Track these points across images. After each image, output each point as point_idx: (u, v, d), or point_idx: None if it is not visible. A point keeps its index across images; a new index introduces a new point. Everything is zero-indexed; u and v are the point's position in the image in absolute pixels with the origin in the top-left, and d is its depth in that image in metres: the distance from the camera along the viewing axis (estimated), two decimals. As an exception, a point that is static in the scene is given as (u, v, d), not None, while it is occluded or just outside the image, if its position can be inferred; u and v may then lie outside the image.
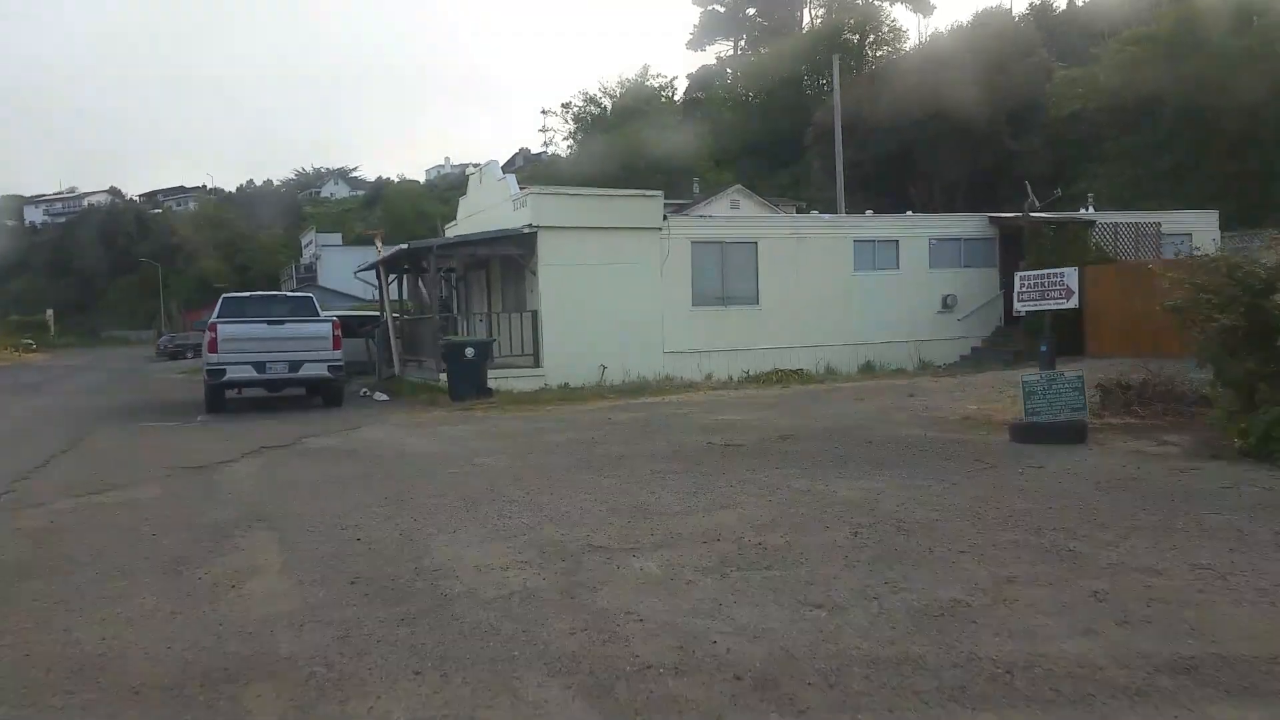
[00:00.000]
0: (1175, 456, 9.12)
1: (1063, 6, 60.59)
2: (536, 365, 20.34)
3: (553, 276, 20.20)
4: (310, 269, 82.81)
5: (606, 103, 60.26)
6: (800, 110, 59.91)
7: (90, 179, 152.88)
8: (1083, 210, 26.03)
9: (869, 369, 21.64)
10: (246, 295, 19.41)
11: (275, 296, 19.45)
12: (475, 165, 24.15)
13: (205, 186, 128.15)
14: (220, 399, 17.21)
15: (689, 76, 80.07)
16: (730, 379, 20.62)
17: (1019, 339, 21.89)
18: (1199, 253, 12.68)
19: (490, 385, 18.37)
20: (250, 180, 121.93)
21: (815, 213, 24.88)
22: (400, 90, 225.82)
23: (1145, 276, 14.17)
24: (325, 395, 18.02)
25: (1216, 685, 3.90)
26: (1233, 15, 35.81)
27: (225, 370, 16.55)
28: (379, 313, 27.06)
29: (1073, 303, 12.68)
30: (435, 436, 13.03)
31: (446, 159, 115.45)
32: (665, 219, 20.99)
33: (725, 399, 16.80)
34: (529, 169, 73.91)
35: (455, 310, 25.28)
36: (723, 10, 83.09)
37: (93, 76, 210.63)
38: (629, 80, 62.80)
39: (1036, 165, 42.46)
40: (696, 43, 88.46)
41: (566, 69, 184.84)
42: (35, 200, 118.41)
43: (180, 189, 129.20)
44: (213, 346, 16.64)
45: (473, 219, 23.58)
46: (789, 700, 3.87)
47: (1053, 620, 4.68)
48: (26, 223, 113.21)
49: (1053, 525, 6.53)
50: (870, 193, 40.95)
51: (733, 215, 28.02)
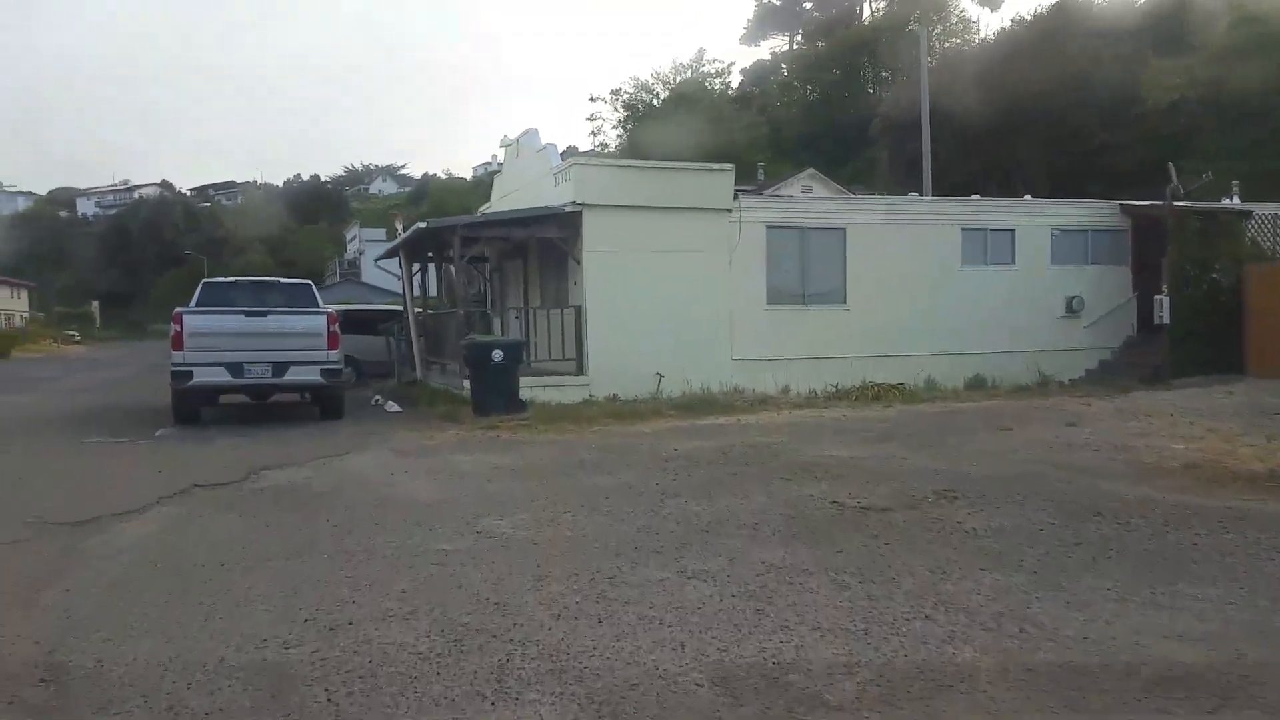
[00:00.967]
0: None
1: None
2: (579, 372, 16.63)
3: (600, 265, 16.49)
4: (354, 264, 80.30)
5: (660, 89, 56.38)
6: (860, 104, 55.94)
7: (143, 173, 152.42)
8: (1226, 200, 21.75)
9: (979, 384, 17.61)
10: (232, 281, 15.86)
11: (267, 283, 15.94)
12: (507, 136, 20.49)
13: (255, 182, 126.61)
14: (189, 408, 13.69)
15: (742, 72, 76.00)
16: (814, 394, 16.73)
17: (1159, 351, 17.74)
18: None
19: (523, 396, 14.68)
20: (298, 175, 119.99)
21: (914, 194, 20.94)
22: (449, 87, 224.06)
23: None
24: (323, 405, 14.44)
25: None
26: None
27: (192, 372, 13.02)
28: (403, 308, 23.54)
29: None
30: (439, 473, 9.32)
31: (494, 156, 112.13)
32: (736, 199, 17.18)
33: (818, 422, 12.94)
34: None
35: (488, 305, 21.64)
36: (779, 3, 79.14)
37: (147, 72, 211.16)
38: (683, 65, 58.83)
39: (1126, 160, 38.06)
40: (750, 37, 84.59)
41: (616, 68, 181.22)
42: (88, 193, 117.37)
43: (230, 184, 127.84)
44: (177, 342, 13.11)
45: (509, 199, 19.94)
46: None
47: None
48: (79, 214, 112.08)
49: None
50: (942, 187, 36.86)
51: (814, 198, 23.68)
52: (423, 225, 15.83)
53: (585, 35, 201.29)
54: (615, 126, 59.04)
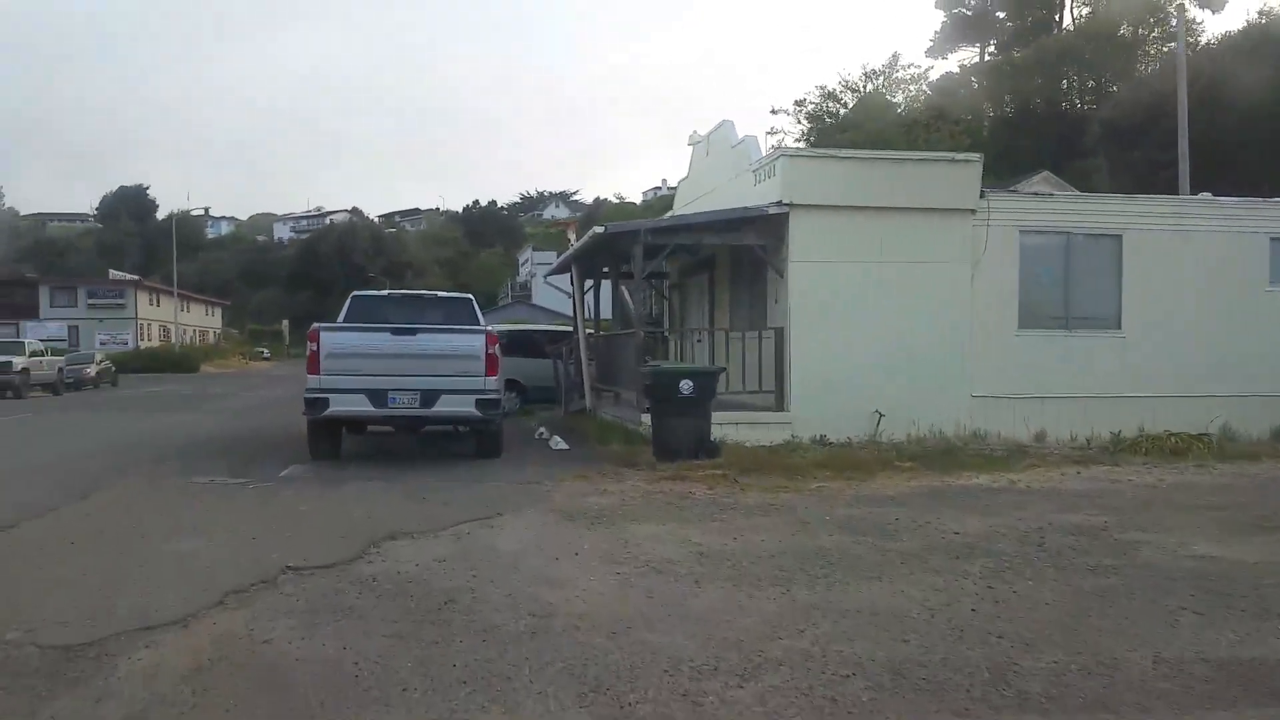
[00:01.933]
0: None
1: None
2: (779, 407, 13.53)
3: (808, 278, 13.37)
4: (525, 286, 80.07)
5: (848, 98, 52.55)
6: (1062, 116, 50.69)
7: (336, 200, 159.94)
8: None
9: (1299, 435, 13.43)
10: (384, 294, 13.67)
11: (422, 297, 13.66)
12: (697, 132, 17.62)
13: (437, 208, 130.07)
14: (325, 441, 11.44)
15: (929, 86, 71.29)
16: (1084, 444, 13.05)
17: None
18: None
19: (712, 436, 11.76)
20: (476, 201, 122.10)
21: (1206, 194, 16.82)
22: (623, 113, 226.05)
23: None
24: (478, 440, 11.93)
25: None
26: None
27: (328, 400, 10.74)
28: (573, 328, 21.11)
29: None
30: (620, 561, 6.39)
31: (664, 180, 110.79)
32: (982, 196, 13.70)
33: (1129, 489, 9.39)
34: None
35: (665, 327, 18.84)
36: (969, 13, 73.90)
37: (342, 104, 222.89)
38: (875, 71, 54.74)
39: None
40: (938, 50, 79.39)
41: (795, 82, 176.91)
42: (284, 218, 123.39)
43: (414, 210, 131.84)
44: (313, 364, 10.89)
45: (696, 205, 17.13)
46: None
47: None
48: (275, 239, 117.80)
49: None
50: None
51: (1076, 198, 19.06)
52: (599, 230, 13.20)
53: (762, 52, 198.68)
54: (798, 140, 55.51)
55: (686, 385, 11.37)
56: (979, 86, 68.03)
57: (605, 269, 17.57)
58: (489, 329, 11.31)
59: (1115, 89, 51.82)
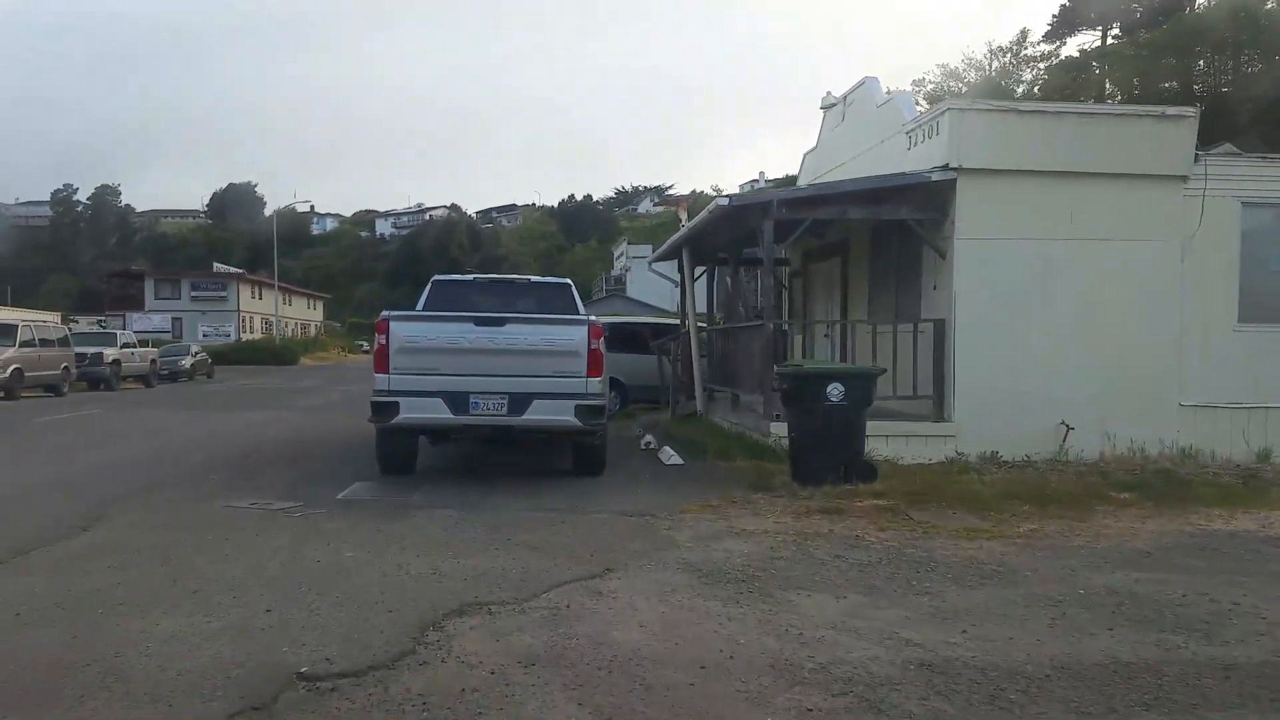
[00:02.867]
0: None
1: None
2: (939, 417, 10.99)
3: (978, 258, 10.80)
4: (619, 280, 78.25)
5: (971, 75, 48.83)
6: (1200, 98, 46.23)
7: (436, 197, 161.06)
8: None
9: None
10: (470, 278, 11.56)
11: (514, 283, 11.50)
12: (831, 94, 15.02)
13: (533, 204, 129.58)
14: (397, 453, 9.40)
15: (1047, 71, 66.84)
16: (1344, 468, 10.19)
17: None
18: None
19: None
20: (571, 195, 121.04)
21: None
22: (718, 107, 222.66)
23: None
24: (576, 454, 9.74)
25: None
26: None
27: (398, 405, 8.67)
28: (679, 321, 18.84)
29: None
30: (798, 666, 4.06)
31: (761, 174, 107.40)
32: (1197, 160, 10.91)
33: None
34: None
35: (785, 319, 16.36)
36: (1090, -7, 69.01)
37: (446, 102, 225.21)
38: (1001, 49, 50.81)
39: None
40: (1055, 34, 74.63)
41: (906, 70, 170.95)
42: (386, 214, 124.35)
43: (510, 206, 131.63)
44: (381, 360, 8.85)
45: (828, 178, 14.57)
46: None
47: None
48: (376, 234, 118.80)
49: None
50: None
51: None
52: (723, 202, 10.86)
53: (868, 31, 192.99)
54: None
55: (836, 390, 8.95)
56: (1100, 71, 63.36)
57: (722, 254, 15.19)
58: (592, 319, 9.08)
59: (1259, 69, 47.08)
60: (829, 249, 14.96)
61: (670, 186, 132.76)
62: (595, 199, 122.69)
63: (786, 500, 8.38)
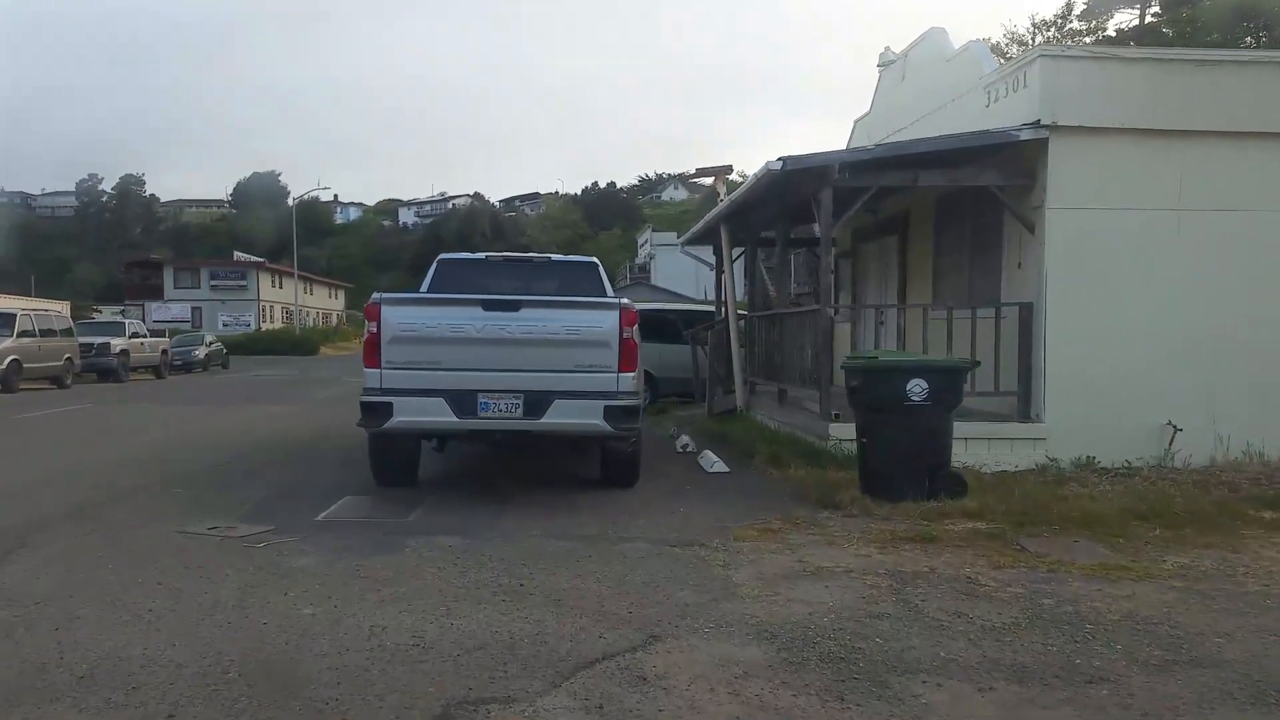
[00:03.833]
0: None
1: None
2: (1026, 417, 9.41)
3: (1075, 230, 9.19)
4: (644, 268, 76.61)
5: (1015, 51, 46.78)
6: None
7: (460, 185, 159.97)
8: None
9: None
10: (480, 257, 10.07)
11: (533, 261, 9.98)
12: (890, 50, 13.31)
13: (556, 192, 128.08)
14: (393, 463, 7.94)
15: (1083, 51, 64.41)
16: None
17: None
18: None
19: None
20: (594, 183, 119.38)
21: None
22: (745, 93, 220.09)
23: None
24: (605, 462, 8.23)
25: None
26: None
27: (390, 405, 7.21)
28: (714, 308, 17.29)
29: None
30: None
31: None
32: (1340, 113, 9.26)
33: None
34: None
35: (831, 302, 14.68)
36: (1131, -30, 66.46)
37: (467, 89, 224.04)
38: (1045, 22, 48.50)
39: None
40: (1090, 14, 72.13)
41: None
42: (409, 203, 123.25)
43: (534, 194, 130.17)
44: (371, 353, 7.39)
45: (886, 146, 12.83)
46: None
47: None
48: (400, 224, 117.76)
49: None
50: None
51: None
52: (775, 165, 9.27)
53: (904, 11, 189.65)
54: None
55: (918, 387, 7.38)
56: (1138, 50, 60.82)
57: (767, 232, 13.60)
58: (625, 302, 7.57)
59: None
60: (884, 225, 13.34)
61: (695, 174, 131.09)
62: (619, 186, 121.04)
63: (861, 521, 6.86)
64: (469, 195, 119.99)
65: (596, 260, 9.75)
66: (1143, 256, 9.32)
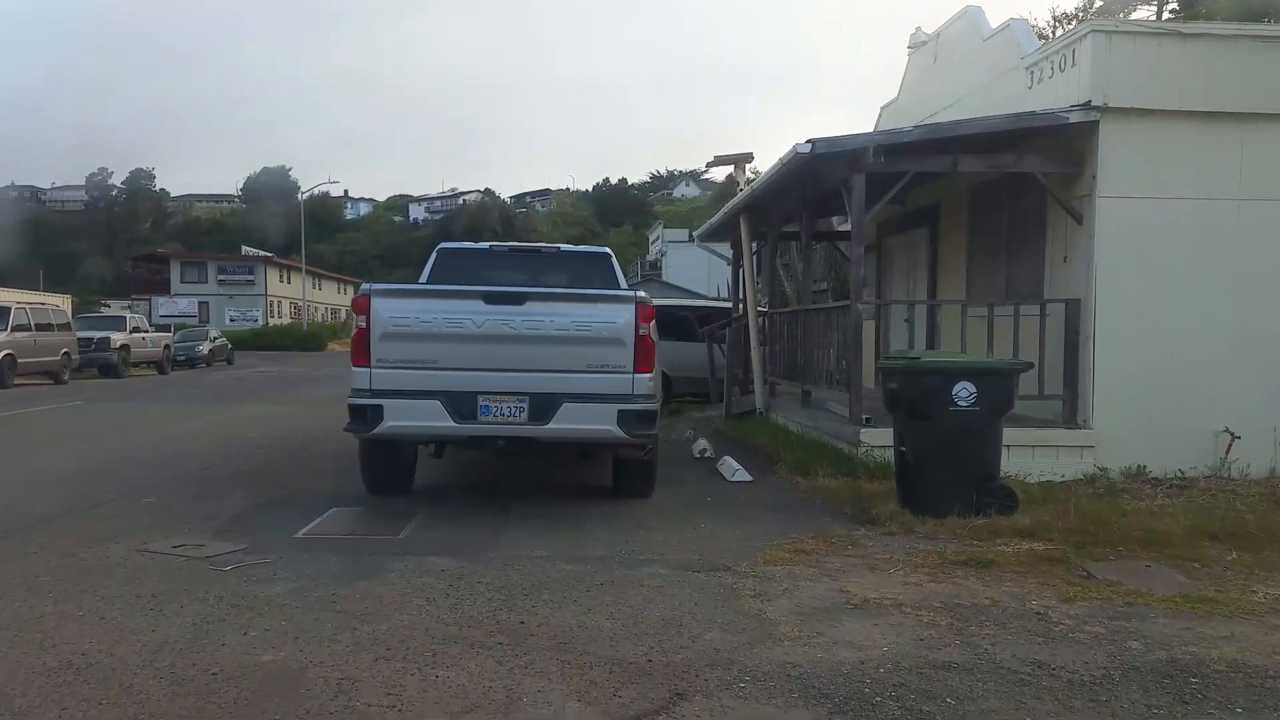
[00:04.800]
0: None
1: None
2: (1073, 422, 8.67)
3: (1127, 221, 8.46)
4: (655, 265, 75.84)
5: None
6: None
7: (471, 181, 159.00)
8: None
9: None
10: (484, 247, 9.38)
11: (542, 252, 9.26)
12: (921, 31, 12.57)
13: (567, 188, 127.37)
14: (385, 469, 7.28)
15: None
16: None
17: None
18: None
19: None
20: (605, 179, 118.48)
21: None
22: (757, 89, 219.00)
23: None
24: (618, 471, 7.54)
25: None
26: None
27: (381, 409, 6.54)
28: (729, 305, 16.58)
29: None
30: None
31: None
32: None
33: None
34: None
35: (862, 298, 13.94)
36: (1149, -40, 65.31)
37: (478, 85, 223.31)
38: (1065, 15, 47.41)
39: None
40: (1107, 10, 71.02)
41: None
42: (420, 199, 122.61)
43: (544, 191, 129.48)
44: (359, 349, 6.71)
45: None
46: None
47: None
48: (410, 219, 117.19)
49: None
50: None
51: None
52: (804, 149, 8.51)
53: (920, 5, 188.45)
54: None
55: (965, 391, 6.66)
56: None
57: (790, 228, 12.87)
58: (641, 296, 6.86)
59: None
60: (913, 217, 12.59)
61: (706, 171, 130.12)
62: (630, 183, 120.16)
63: (904, 540, 6.16)
64: (479, 191, 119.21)
65: (609, 251, 9.07)
66: (1200, 249, 8.59)
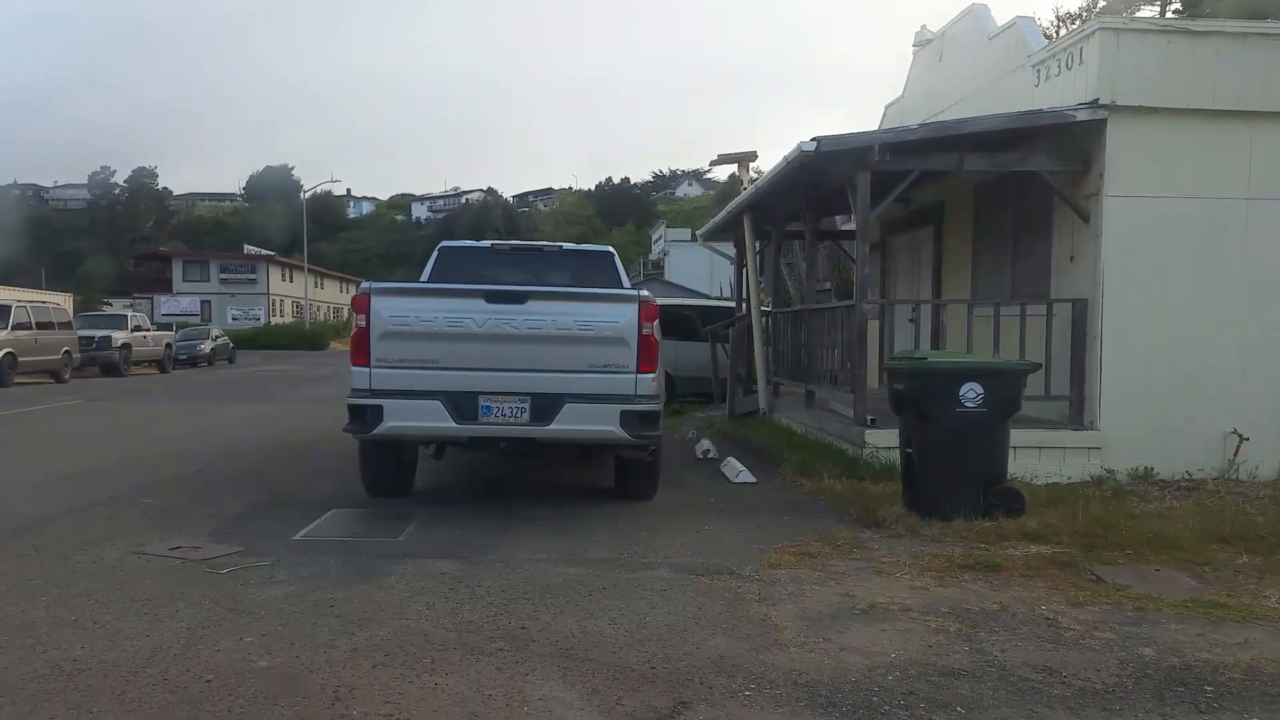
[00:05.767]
0: None
1: None
2: (1079, 424, 8.59)
3: (1134, 220, 8.37)
4: (658, 265, 75.76)
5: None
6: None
7: (474, 180, 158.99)
8: None
9: None
10: (486, 245, 9.30)
11: (544, 250, 9.15)
12: (926, 29, 12.49)
13: (570, 187, 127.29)
14: (386, 470, 7.21)
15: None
16: None
17: None
18: None
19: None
20: (608, 179, 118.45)
21: None
22: (760, 89, 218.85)
23: None
24: (621, 472, 7.47)
25: None
26: None
27: (381, 409, 6.47)
28: (732, 304, 16.51)
29: None
30: None
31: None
32: None
33: None
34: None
35: (867, 298, 13.87)
36: (1153, -41, 65.13)
37: (481, 84, 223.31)
38: (1069, 15, 47.22)
39: None
40: (1111, 10, 70.83)
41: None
42: (422, 198, 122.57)
43: (547, 190, 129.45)
44: (359, 348, 6.64)
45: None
46: None
47: None
48: (413, 218, 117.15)
49: None
50: None
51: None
52: (809, 146, 8.43)
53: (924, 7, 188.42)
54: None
55: (972, 392, 6.58)
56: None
57: (794, 227, 12.79)
58: (644, 295, 6.79)
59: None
60: (918, 216, 12.51)
61: (708, 170, 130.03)
62: (633, 182, 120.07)
63: (910, 543, 6.08)
64: (482, 190, 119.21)
65: (612, 250, 9.00)
66: (1208, 248, 8.51)
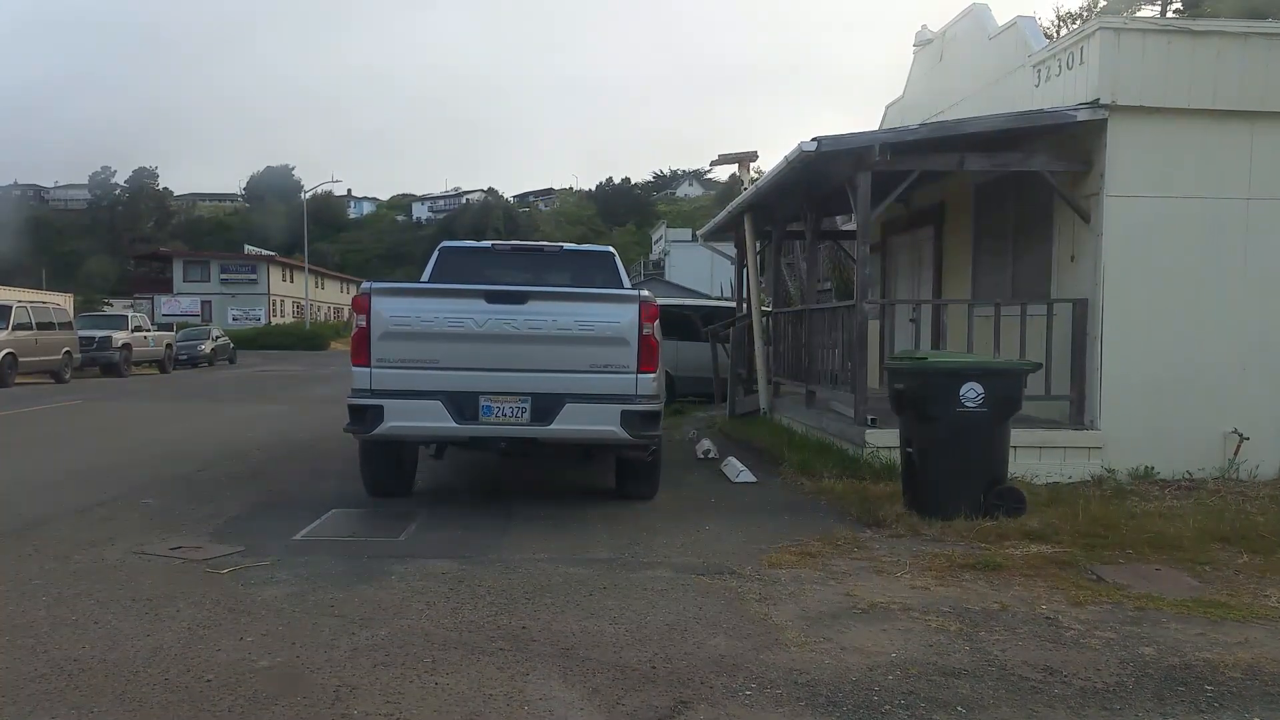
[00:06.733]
0: None
1: None
2: (1079, 423, 8.59)
3: (1135, 221, 8.38)
4: (658, 265, 75.77)
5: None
6: None
7: (475, 181, 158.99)
8: None
9: None
10: (487, 245, 9.28)
11: (544, 250, 9.15)
12: (926, 29, 12.50)
13: (570, 187, 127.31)
14: (386, 470, 7.22)
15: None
16: None
17: None
18: None
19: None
20: (609, 179, 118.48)
21: None
22: (758, 90, 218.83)
23: None
24: (621, 472, 7.47)
25: None
26: None
27: (381, 409, 6.47)
28: (732, 304, 16.50)
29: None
30: None
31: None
32: None
33: None
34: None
35: (867, 298, 13.87)
36: (1155, -41, 65.10)
37: (482, 85, 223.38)
38: (1070, 15, 47.20)
39: None
40: (1112, 8, 70.78)
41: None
42: (423, 198, 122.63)
43: (548, 190, 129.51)
44: (359, 349, 6.65)
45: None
46: None
47: None
48: (413, 218, 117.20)
49: None
50: None
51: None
52: (810, 146, 8.42)
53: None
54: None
55: (973, 392, 6.58)
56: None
57: (794, 224, 12.79)
58: (644, 295, 6.79)
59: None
60: (918, 217, 12.51)
61: (709, 171, 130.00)
62: (634, 182, 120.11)
63: (910, 543, 6.08)
64: (483, 190, 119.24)
65: (613, 250, 9.00)
66: (1209, 248, 8.51)
